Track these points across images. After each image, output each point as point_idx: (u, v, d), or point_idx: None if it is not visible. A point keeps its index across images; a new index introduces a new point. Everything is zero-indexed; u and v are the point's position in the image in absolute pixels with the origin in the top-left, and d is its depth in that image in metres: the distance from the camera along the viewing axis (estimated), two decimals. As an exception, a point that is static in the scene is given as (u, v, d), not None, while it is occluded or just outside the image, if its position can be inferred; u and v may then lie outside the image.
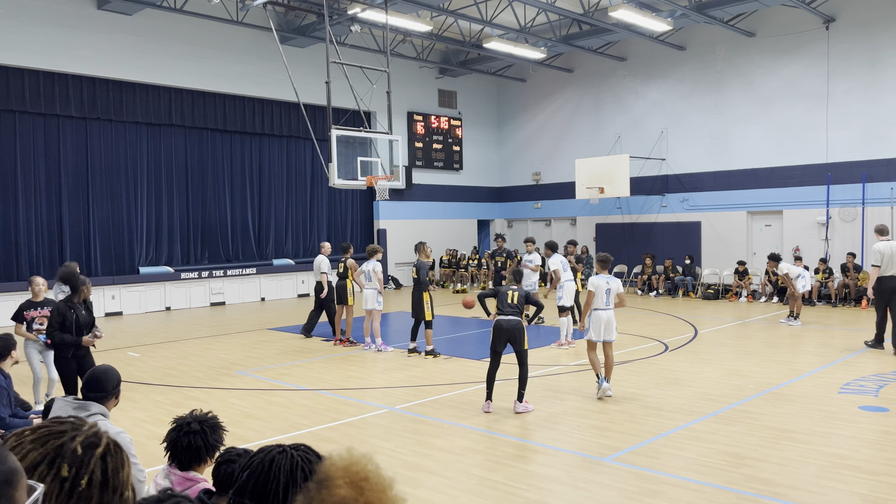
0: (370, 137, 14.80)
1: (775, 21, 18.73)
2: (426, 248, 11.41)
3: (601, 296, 8.42)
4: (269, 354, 11.61)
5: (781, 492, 5.30)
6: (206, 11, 17.22)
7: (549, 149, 24.53)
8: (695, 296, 19.37)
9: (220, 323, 15.83)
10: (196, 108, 19.21)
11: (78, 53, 16.62)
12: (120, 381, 3.82)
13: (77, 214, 17.47)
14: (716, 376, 9.31)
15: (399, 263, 23.43)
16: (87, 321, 6.79)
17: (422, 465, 6.08)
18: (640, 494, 5.33)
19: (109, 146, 17.92)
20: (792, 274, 14.00)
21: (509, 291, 7.93)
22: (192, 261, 19.65)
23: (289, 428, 7.30)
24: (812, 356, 10.67)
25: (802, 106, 18.42)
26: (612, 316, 8.49)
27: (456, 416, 7.62)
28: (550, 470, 6.00)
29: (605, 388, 8.23)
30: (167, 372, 10.36)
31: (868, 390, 8.36)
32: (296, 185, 21.88)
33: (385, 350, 11.72)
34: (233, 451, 3.10)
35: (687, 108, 20.78)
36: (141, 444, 6.36)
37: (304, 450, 1.99)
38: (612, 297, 8.46)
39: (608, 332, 8.45)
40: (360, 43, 20.29)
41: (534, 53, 20.59)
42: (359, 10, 16.36)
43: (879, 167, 17.25)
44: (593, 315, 8.45)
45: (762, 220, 19.63)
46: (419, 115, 24.01)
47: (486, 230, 26.73)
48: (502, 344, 7.80)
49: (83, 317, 6.75)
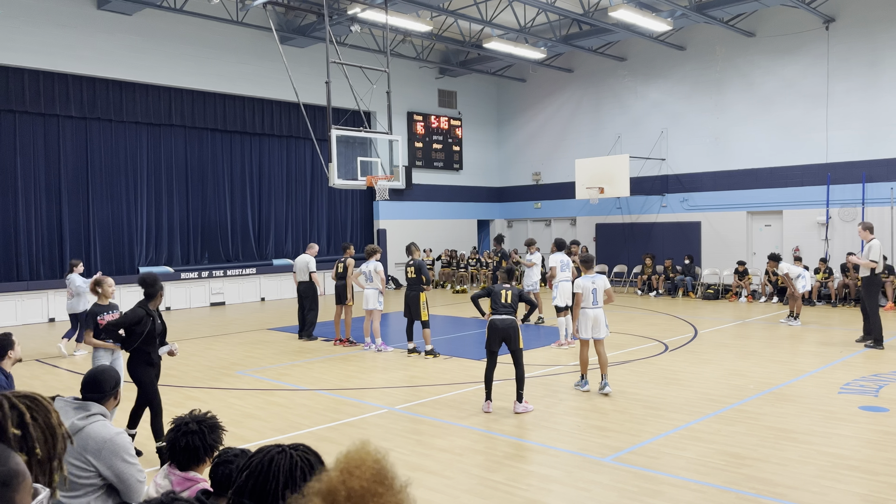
0: (370, 137, 14.81)
1: (775, 21, 18.72)
2: (418, 248, 11.66)
3: (588, 296, 8.60)
4: (269, 354, 11.60)
5: (781, 492, 5.30)
6: (206, 11, 17.22)
7: (549, 149, 24.53)
8: (695, 296, 19.37)
9: (220, 323, 15.83)
10: (196, 108, 19.21)
11: (78, 53, 16.62)
12: (119, 382, 3.80)
13: (77, 214, 17.47)
14: (716, 376, 9.31)
15: (399, 263, 23.40)
16: (160, 330, 6.43)
17: (422, 465, 6.07)
18: (640, 494, 5.33)
19: (109, 146, 17.92)
20: (792, 274, 14.00)
21: (503, 290, 7.92)
22: (192, 261, 19.65)
23: (288, 428, 7.29)
24: (812, 356, 10.66)
25: (802, 106, 18.42)
26: (601, 314, 8.64)
27: (455, 416, 7.62)
28: (550, 470, 5.99)
29: (603, 386, 8.40)
30: (167, 372, 10.33)
31: (868, 390, 8.36)
32: (296, 185, 21.88)
33: (385, 350, 11.72)
34: (230, 451, 3.09)
35: (687, 108, 20.78)
36: (141, 444, 6.36)
37: (304, 450, 1.99)
38: (599, 296, 8.60)
39: (596, 330, 8.59)
40: (360, 43, 20.29)
41: (534, 53, 20.59)
42: (359, 10, 16.36)
43: (879, 167, 17.24)
44: (582, 314, 8.66)
45: (762, 220, 19.63)
46: (419, 115, 24.01)
47: (486, 230, 26.73)
48: (497, 343, 7.81)
49: (158, 326, 6.37)
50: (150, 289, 6.33)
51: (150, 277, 6.43)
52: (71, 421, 3.43)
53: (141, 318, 6.16)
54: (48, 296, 16.39)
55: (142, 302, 6.29)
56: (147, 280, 6.39)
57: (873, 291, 11.37)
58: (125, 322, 6.19)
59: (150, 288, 6.33)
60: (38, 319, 16.23)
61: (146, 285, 6.36)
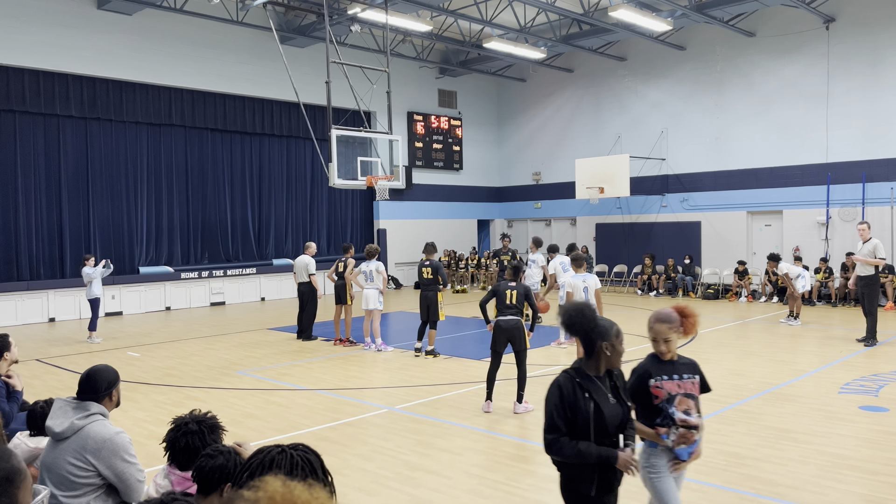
0: (370, 137, 14.80)
1: (775, 21, 18.72)
2: (436, 248, 11.59)
3: (579, 294, 8.71)
4: (269, 354, 11.60)
5: (781, 492, 5.29)
6: (206, 11, 17.22)
7: (549, 149, 24.53)
8: (695, 296, 19.37)
9: (220, 323, 15.83)
10: (196, 108, 19.21)
11: (78, 53, 16.62)
12: (115, 381, 3.68)
13: (77, 214, 17.47)
14: (716, 376, 9.30)
15: (399, 263, 23.43)
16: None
17: (422, 465, 6.07)
18: (640, 494, 5.32)
19: (109, 146, 17.92)
20: (791, 274, 14.00)
21: (507, 290, 7.90)
22: (192, 261, 19.65)
23: (288, 428, 7.29)
24: (812, 356, 10.66)
25: (802, 106, 18.41)
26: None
27: (456, 416, 7.62)
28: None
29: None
30: (167, 372, 10.36)
31: (868, 390, 8.36)
32: (296, 185, 21.88)
33: (385, 350, 11.71)
34: (212, 449, 2.99)
35: (687, 108, 20.77)
36: (141, 444, 6.36)
37: (304, 449, 1.98)
38: (590, 294, 8.65)
39: None
40: (360, 43, 20.29)
41: (534, 53, 20.58)
42: (359, 10, 16.36)
43: (879, 167, 17.24)
44: None
45: (762, 220, 19.62)
46: (419, 115, 24.01)
47: (486, 230, 26.73)
48: (503, 344, 7.80)
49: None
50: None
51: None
52: (70, 421, 3.43)
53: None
54: (48, 296, 16.38)
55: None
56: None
57: (874, 291, 11.34)
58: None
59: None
60: (38, 319, 16.22)
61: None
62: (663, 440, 3.75)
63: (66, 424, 3.41)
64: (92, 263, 13.46)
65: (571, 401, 3.27)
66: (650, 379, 3.75)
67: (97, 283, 13.25)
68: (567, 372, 3.40)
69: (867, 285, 11.28)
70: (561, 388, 3.32)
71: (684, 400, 3.79)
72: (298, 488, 1.45)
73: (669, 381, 3.78)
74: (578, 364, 3.44)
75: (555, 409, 3.31)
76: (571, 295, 8.74)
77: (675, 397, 3.76)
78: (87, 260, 13.52)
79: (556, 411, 3.30)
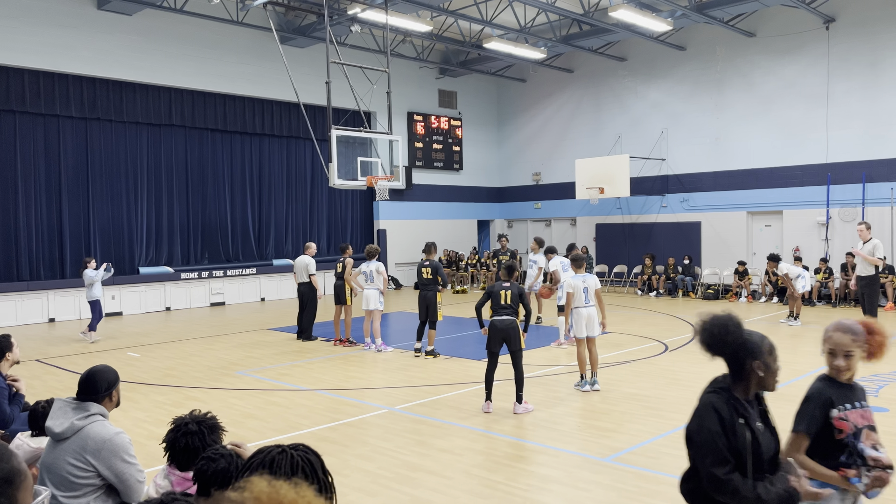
0: (370, 137, 14.80)
1: (775, 21, 18.72)
2: (436, 249, 11.62)
3: (580, 295, 8.70)
4: (269, 354, 11.60)
5: (781, 492, 5.28)
6: (206, 11, 17.22)
7: (549, 149, 24.53)
8: (695, 296, 19.37)
9: (220, 323, 15.83)
10: (196, 109, 19.21)
11: (78, 53, 16.62)
12: (115, 382, 3.68)
13: (77, 214, 17.47)
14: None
15: (399, 263, 23.43)
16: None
17: (422, 465, 6.07)
18: (640, 494, 5.33)
19: (109, 146, 17.92)
20: (791, 274, 14.01)
21: (502, 291, 7.87)
22: (192, 261, 19.65)
23: (288, 428, 7.29)
24: (812, 356, 10.65)
25: (802, 106, 18.41)
26: (594, 312, 8.79)
27: (456, 417, 7.62)
28: (550, 470, 5.99)
29: (593, 383, 8.62)
30: (167, 372, 10.36)
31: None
32: (296, 185, 21.88)
33: (385, 350, 11.71)
34: (214, 452, 2.99)
35: (687, 108, 20.78)
36: (141, 444, 6.36)
37: (304, 449, 1.98)
38: (590, 295, 8.71)
39: (591, 328, 8.73)
40: (360, 43, 20.29)
41: (534, 53, 20.58)
42: (359, 11, 16.36)
43: (879, 167, 17.24)
44: (575, 313, 8.77)
45: (762, 221, 19.63)
46: (419, 116, 24.01)
47: (486, 230, 26.73)
48: (497, 344, 7.80)
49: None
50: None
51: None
52: (70, 421, 3.43)
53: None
54: (48, 296, 16.38)
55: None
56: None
57: (874, 291, 11.37)
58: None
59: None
60: (38, 319, 16.22)
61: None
62: (852, 484, 3.04)
63: (65, 425, 3.41)
64: (93, 266, 13.46)
65: (731, 428, 2.76)
66: (832, 408, 3.13)
67: (97, 286, 13.30)
68: (718, 392, 2.89)
69: (867, 286, 11.31)
70: (719, 411, 2.79)
71: (870, 434, 3.13)
72: (284, 487, 1.45)
73: (853, 410, 3.15)
74: (724, 383, 2.93)
75: (718, 438, 2.74)
76: (571, 295, 8.72)
77: (861, 430, 3.11)
78: (88, 262, 13.52)
79: (719, 440, 2.74)
